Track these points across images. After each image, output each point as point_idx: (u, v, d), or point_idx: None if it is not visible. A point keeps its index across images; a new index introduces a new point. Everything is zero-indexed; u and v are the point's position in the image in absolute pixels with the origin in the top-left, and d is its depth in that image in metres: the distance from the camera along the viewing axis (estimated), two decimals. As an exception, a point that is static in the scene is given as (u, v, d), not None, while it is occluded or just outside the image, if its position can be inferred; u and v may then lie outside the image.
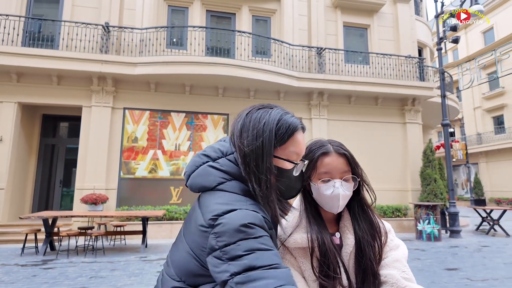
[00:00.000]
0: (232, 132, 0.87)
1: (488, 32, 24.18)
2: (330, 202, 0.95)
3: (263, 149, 0.79)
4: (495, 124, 23.47)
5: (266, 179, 0.78)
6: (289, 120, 0.84)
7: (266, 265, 0.67)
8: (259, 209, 0.78)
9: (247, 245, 0.69)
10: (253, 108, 0.88)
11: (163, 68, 8.45)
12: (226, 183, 0.80)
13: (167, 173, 9.06)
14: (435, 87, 10.79)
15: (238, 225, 0.70)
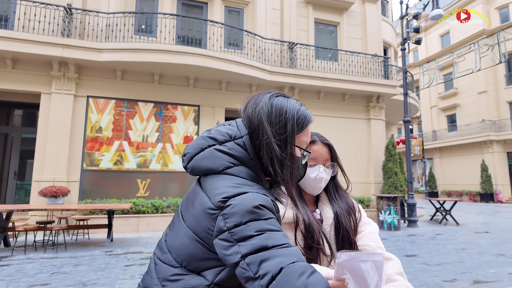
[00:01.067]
0: (250, 117, 0.85)
1: (445, 36, 25.82)
2: (313, 184, 1.10)
3: (288, 135, 0.82)
4: (448, 122, 25.27)
5: (289, 165, 0.82)
6: (306, 111, 0.88)
7: (277, 245, 0.68)
8: (267, 193, 0.79)
9: (258, 226, 0.69)
10: (270, 94, 0.88)
11: (131, 55, 8.09)
12: (234, 168, 0.80)
13: (134, 165, 8.76)
14: (398, 86, 11.37)
15: (249, 207, 0.71)
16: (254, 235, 0.68)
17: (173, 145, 9.22)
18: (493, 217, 12.13)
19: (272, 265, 0.64)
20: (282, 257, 0.65)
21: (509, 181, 20.50)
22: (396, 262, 1.00)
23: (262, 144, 0.81)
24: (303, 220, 1.04)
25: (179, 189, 9.09)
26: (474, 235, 8.04)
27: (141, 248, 6.24)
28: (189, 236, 0.78)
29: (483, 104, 21.79)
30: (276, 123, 0.82)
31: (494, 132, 20.75)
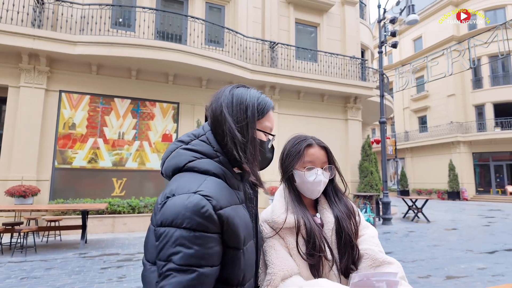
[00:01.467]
0: (213, 109, 0.90)
1: (417, 40, 26.88)
2: (312, 188, 1.10)
3: (249, 121, 0.87)
4: (419, 124, 26.37)
5: (250, 148, 0.86)
6: (266, 98, 0.94)
7: (180, 264, 0.69)
8: (218, 187, 0.80)
9: (174, 235, 0.71)
10: (232, 86, 0.95)
11: (107, 49, 7.78)
12: (196, 161, 0.84)
13: (109, 163, 8.46)
14: (374, 87, 11.70)
15: (174, 212, 0.72)
16: (166, 244, 0.71)
17: (150, 143, 8.99)
18: (459, 214, 12.79)
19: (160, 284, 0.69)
20: (170, 281, 0.68)
21: (474, 180, 21.72)
22: (397, 266, 1.01)
23: (225, 131, 0.85)
24: (304, 225, 1.04)
25: (156, 188, 8.88)
26: (444, 232, 8.44)
27: (118, 249, 6.04)
28: (151, 230, 0.82)
29: (451, 107, 22.91)
30: (237, 111, 0.87)
31: (461, 133, 21.88)
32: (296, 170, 1.12)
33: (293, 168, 1.12)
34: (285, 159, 1.16)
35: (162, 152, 9.05)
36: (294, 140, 1.17)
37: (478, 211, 13.82)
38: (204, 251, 0.71)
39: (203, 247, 0.71)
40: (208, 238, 0.72)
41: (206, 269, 0.71)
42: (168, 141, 9.18)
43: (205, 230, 0.72)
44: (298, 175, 1.11)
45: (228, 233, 0.76)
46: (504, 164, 21.21)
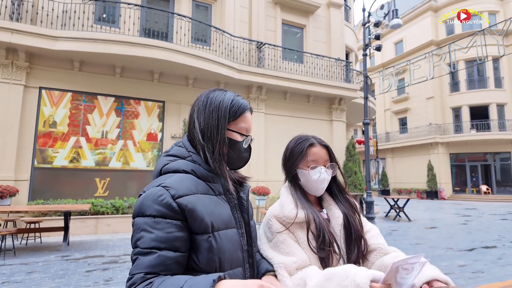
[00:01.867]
0: (190, 114, 0.98)
1: (399, 44, 27.62)
2: (316, 185, 1.14)
3: (218, 122, 0.92)
4: (400, 125, 27.12)
5: (218, 148, 0.91)
6: (241, 100, 0.98)
7: (143, 247, 0.76)
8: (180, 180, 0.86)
9: (140, 223, 0.80)
10: (210, 90, 1.01)
11: (91, 45, 7.56)
12: (170, 164, 0.91)
13: (92, 162, 8.22)
14: (358, 89, 11.93)
15: (142, 203, 0.81)
16: (134, 231, 0.80)
17: (135, 142, 8.81)
18: (438, 213, 13.26)
19: (131, 268, 0.76)
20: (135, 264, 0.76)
21: (451, 180, 22.56)
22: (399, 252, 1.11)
23: (195, 133, 0.93)
24: (313, 220, 1.08)
25: (141, 188, 8.71)
26: (425, 230, 8.72)
27: (102, 251, 5.89)
28: None
29: (430, 109, 23.69)
30: (208, 113, 0.93)
31: (439, 135, 22.67)
32: (300, 169, 1.16)
33: (297, 167, 1.16)
34: (288, 159, 1.21)
35: (147, 151, 8.89)
36: (297, 140, 1.21)
37: (455, 210, 14.37)
38: (164, 235, 0.77)
39: (162, 231, 0.77)
40: (167, 224, 0.78)
41: (166, 252, 0.76)
42: (153, 140, 9.03)
43: (164, 216, 0.79)
44: (303, 174, 1.15)
45: (191, 219, 0.81)
46: (479, 164, 22.15)
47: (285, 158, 1.22)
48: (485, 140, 20.94)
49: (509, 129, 20.97)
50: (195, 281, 0.70)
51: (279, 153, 1.32)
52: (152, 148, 9.00)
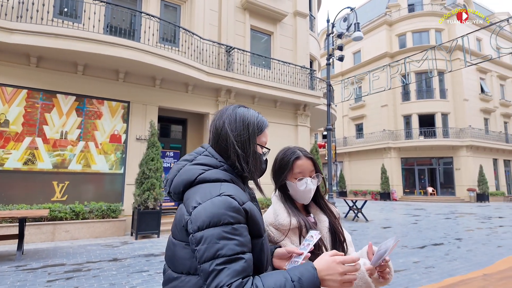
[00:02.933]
0: (217, 125, 1.02)
1: (357, 54, 29.23)
2: (303, 195, 1.26)
3: (249, 136, 1.00)
4: (356, 130, 28.67)
5: (252, 160, 0.98)
6: (263, 118, 1.09)
7: (228, 255, 0.78)
8: (234, 188, 0.91)
9: (214, 233, 0.80)
10: (234, 106, 1.07)
11: (51, 40, 7.10)
12: (206, 172, 0.94)
13: (49, 165, 7.71)
14: (321, 96, 12.48)
15: (210, 214, 0.82)
16: (209, 243, 0.79)
17: (97, 143, 8.41)
18: (391, 213, 14.25)
19: (215, 281, 0.76)
20: (226, 273, 0.76)
21: (402, 182, 24.31)
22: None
23: (229, 145, 0.98)
24: (304, 226, 1.21)
25: (103, 192, 8.33)
26: (381, 230, 9.36)
27: (62, 259, 5.56)
28: (181, 246, 0.91)
29: (384, 116, 25.37)
30: (240, 128, 0.99)
31: (392, 140, 24.36)
32: (288, 181, 1.27)
33: (285, 179, 1.28)
34: (277, 171, 1.32)
35: (110, 153, 8.53)
36: (284, 153, 1.32)
37: (406, 210, 15.54)
38: (244, 239, 0.82)
39: (241, 236, 0.82)
40: (242, 228, 0.84)
41: (249, 254, 0.82)
42: (117, 142, 8.68)
43: (239, 222, 0.83)
44: (290, 185, 1.27)
45: (251, 223, 0.88)
46: (426, 168, 24.16)
47: (274, 170, 1.33)
48: (431, 146, 22.91)
49: (451, 136, 23.15)
50: (298, 270, 0.82)
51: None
52: (115, 150, 8.65)
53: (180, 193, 0.96)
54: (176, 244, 0.92)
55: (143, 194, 7.61)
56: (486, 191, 21.67)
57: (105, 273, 4.83)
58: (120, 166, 8.63)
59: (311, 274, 0.81)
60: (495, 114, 26.13)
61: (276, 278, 0.80)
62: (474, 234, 8.57)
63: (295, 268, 0.84)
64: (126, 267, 5.17)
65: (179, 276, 0.90)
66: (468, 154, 22.62)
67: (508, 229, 9.50)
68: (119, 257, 5.80)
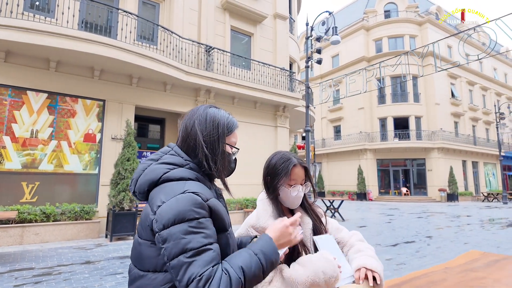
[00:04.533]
0: (187, 124, 1.04)
1: (335, 57, 29.85)
2: (293, 201, 1.31)
3: (219, 137, 1.02)
4: (334, 132, 29.26)
5: (221, 159, 1.01)
6: (233, 119, 1.12)
7: (196, 247, 0.80)
8: (198, 186, 0.93)
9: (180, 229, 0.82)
10: (206, 106, 1.09)
11: (21, 35, 6.80)
12: (171, 171, 0.95)
13: (18, 165, 7.38)
14: (300, 98, 12.66)
15: (174, 211, 0.83)
16: (176, 239, 0.81)
17: (70, 143, 8.13)
18: (367, 213, 14.65)
19: (187, 273, 0.77)
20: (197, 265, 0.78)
21: (377, 183, 25.03)
22: (358, 234, 1.43)
23: (198, 145, 1.00)
24: None
25: (76, 193, 8.06)
26: (356, 229, 9.54)
27: (31, 263, 5.34)
28: (147, 245, 0.91)
29: (361, 118, 26.04)
30: (210, 128, 1.02)
31: (368, 142, 25.04)
32: (282, 186, 1.30)
33: (279, 184, 1.30)
34: (272, 175, 1.34)
35: (84, 153, 8.27)
36: (280, 159, 1.34)
37: (381, 210, 16.03)
38: (210, 231, 0.85)
39: (207, 229, 0.85)
40: (208, 221, 0.87)
41: (216, 244, 0.85)
42: (92, 141, 8.43)
43: (204, 216, 0.86)
44: (284, 191, 1.30)
45: (215, 219, 0.91)
46: (400, 169, 25.01)
47: (267, 173, 1.36)
48: (405, 148, 23.74)
49: (424, 138, 24.09)
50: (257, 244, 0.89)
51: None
52: (89, 150, 8.39)
53: (145, 192, 0.97)
54: (142, 243, 0.93)
55: (118, 195, 7.43)
56: (455, 191, 22.71)
57: (77, 276, 4.68)
58: (94, 166, 8.38)
59: (269, 244, 0.90)
60: (464, 118, 27.45)
61: (242, 256, 0.85)
62: (444, 232, 8.97)
63: (254, 243, 0.92)
64: (99, 269, 5.03)
65: (146, 274, 0.91)
66: (439, 156, 23.62)
67: (474, 227, 10.01)
68: (92, 259, 5.63)
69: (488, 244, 7.25)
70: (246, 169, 10.15)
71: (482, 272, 1.80)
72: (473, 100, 29.10)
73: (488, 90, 31.17)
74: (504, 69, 34.89)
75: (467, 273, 1.79)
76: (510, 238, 7.97)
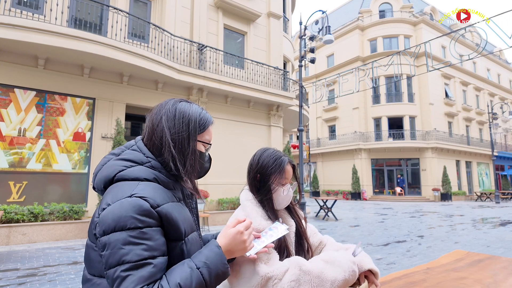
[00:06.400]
0: (153, 120, 0.94)
1: (330, 57, 29.88)
2: (283, 201, 1.25)
3: (189, 134, 0.93)
4: (329, 132, 29.29)
5: (190, 160, 0.92)
6: (207, 114, 1.01)
7: (134, 261, 0.73)
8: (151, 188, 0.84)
9: (120, 238, 0.74)
10: (176, 100, 0.99)
11: (8, 32, 6.68)
12: (127, 170, 0.87)
13: (5, 164, 7.25)
14: (294, 98, 12.63)
15: (116, 217, 0.76)
16: (113, 248, 0.74)
17: (59, 141, 8.01)
18: (360, 212, 14.67)
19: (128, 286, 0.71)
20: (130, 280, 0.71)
21: (371, 183, 25.10)
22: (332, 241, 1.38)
23: (164, 144, 0.90)
24: None
25: (65, 193, 7.95)
26: (349, 228, 9.59)
27: (16, 264, 5.24)
28: (92, 248, 0.85)
29: (355, 118, 26.09)
30: (180, 124, 0.92)
31: (363, 142, 25.09)
32: (274, 185, 1.22)
33: (271, 183, 1.22)
34: (263, 173, 1.25)
35: (73, 152, 8.16)
36: (271, 156, 1.27)
37: (374, 210, 16.06)
38: (154, 243, 0.76)
39: (151, 240, 0.76)
40: (153, 231, 0.77)
41: (160, 258, 0.77)
42: (81, 140, 8.32)
43: (149, 225, 0.77)
44: (276, 189, 1.23)
45: (168, 227, 0.82)
46: (395, 169, 25.10)
47: (256, 171, 1.26)
48: (399, 148, 23.83)
49: (418, 138, 24.21)
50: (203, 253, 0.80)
51: (219, 157, 1.39)
52: (79, 148, 8.28)
53: (102, 190, 0.89)
54: (88, 246, 0.86)
55: (108, 194, 7.32)
56: (449, 190, 22.85)
57: (63, 277, 4.59)
58: (84, 166, 8.27)
59: (216, 254, 0.82)
60: (458, 118, 27.63)
61: (181, 271, 0.77)
62: (435, 232, 8.98)
63: (199, 253, 0.83)
64: (85, 270, 4.94)
65: (92, 278, 0.84)
66: (433, 155, 23.75)
67: (466, 226, 10.05)
68: (80, 260, 5.54)
69: (478, 243, 7.27)
70: (239, 169, 10.11)
71: (463, 272, 1.77)
72: (466, 100, 29.31)
73: (481, 91, 31.42)
74: (497, 69, 35.20)
75: (448, 273, 1.75)
76: (501, 238, 8.01)
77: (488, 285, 1.55)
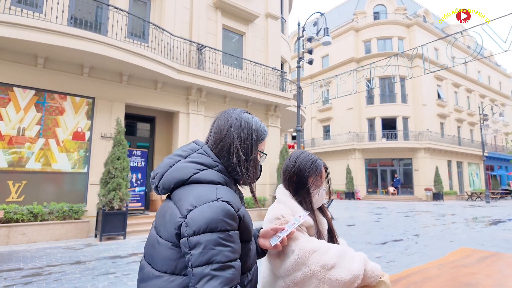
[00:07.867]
0: (221, 127, 1.02)
1: (325, 58, 30.10)
2: (320, 200, 1.38)
3: (253, 143, 1.01)
4: (324, 132, 29.52)
5: (252, 166, 1.00)
6: (265, 126, 1.11)
7: (222, 261, 0.79)
8: (229, 193, 0.91)
9: (210, 239, 0.80)
10: (239, 111, 1.08)
11: (8, 30, 6.63)
12: (200, 172, 0.93)
13: (4, 163, 7.20)
14: (291, 98, 12.74)
15: (206, 219, 0.81)
16: (204, 248, 0.79)
17: (58, 141, 7.98)
18: (355, 212, 14.87)
19: (207, 286, 0.76)
20: (219, 281, 0.77)
21: (365, 182, 25.40)
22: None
23: (232, 150, 0.98)
24: (315, 226, 1.32)
25: (64, 192, 7.91)
26: (346, 227, 9.74)
27: (19, 263, 5.23)
28: (167, 246, 0.88)
29: (349, 119, 26.36)
30: (245, 133, 1.01)
31: (357, 142, 25.37)
32: (314, 186, 1.33)
33: (310, 184, 1.33)
34: (302, 175, 1.34)
35: (72, 151, 8.12)
36: (310, 159, 1.36)
37: (369, 209, 16.28)
38: (237, 246, 0.84)
39: (235, 243, 0.84)
40: (236, 235, 0.86)
41: (238, 262, 0.84)
42: (80, 139, 8.29)
43: (234, 229, 0.85)
44: (316, 191, 1.34)
45: (243, 229, 0.90)
46: (388, 169, 25.43)
47: (293, 173, 1.35)
48: (393, 148, 24.15)
49: (411, 138, 24.57)
50: None
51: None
52: (78, 148, 8.25)
53: (170, 189, 0.94)
54: (161, 243, 0.90)
55: (108, 194, 7.34)
56: (441, 190, 23.25)
57: (68, 276, 4.61)
58: (83, 165, 8.24)
59: None
60: (450, 119, 28.12)
61: None
62: (430, 231, 9.19)
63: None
64: (90, 269, 4.97)
65: (162, 275, 0.88)
66: (425, 156, 24.13)
67: (459, 226, 10.29)
68: (83, 259, 5.56)
69: (473, 242, 7.48)
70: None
71: (473, 268, 1.88)
72: (458, 101, 29.83)
73: (472, 92, 32.01)
74: (488, 71, 35.90)
75: (459, 269, 1.86)
76: (494, 236, 8.24)
77: (499, 279, 1.66)
